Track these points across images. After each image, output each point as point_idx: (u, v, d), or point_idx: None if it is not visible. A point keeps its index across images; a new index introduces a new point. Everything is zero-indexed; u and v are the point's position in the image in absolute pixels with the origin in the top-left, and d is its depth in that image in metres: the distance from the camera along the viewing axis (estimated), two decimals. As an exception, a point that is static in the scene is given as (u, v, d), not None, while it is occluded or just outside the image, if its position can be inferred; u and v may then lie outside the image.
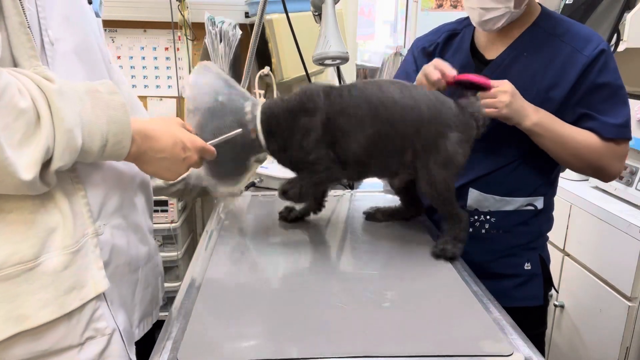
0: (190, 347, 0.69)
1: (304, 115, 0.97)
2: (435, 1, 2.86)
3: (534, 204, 1.18)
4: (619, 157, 1.13)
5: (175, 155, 0.81)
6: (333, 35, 1.14)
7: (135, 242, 0.89)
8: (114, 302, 0.83)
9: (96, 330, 0.78)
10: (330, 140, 0.97)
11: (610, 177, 1.17)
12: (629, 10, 1.79)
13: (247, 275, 0.92)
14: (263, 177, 1.67)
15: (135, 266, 0.90)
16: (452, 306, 0.81)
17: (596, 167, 1.13)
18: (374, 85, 1.00)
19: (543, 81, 1.10)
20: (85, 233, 0.76)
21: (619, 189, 1.74)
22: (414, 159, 1.00)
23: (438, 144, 0.97)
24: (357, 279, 0.90)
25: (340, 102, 0.97)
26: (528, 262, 1.20)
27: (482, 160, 1.16)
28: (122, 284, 0.86)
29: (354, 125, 0.96)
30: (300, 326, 0.74)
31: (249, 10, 2.28)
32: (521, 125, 1.07)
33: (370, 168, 1.04)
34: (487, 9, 1.08)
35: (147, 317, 0.97)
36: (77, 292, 0.75)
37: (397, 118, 0.96)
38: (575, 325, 1.84)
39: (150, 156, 0.79)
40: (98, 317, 0.78)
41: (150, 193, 1.02)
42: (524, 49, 1.13)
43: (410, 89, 0.99)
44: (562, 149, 1.10)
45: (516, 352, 0.68)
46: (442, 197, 1.00)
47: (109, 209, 0.82)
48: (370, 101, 0.97)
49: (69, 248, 0.73)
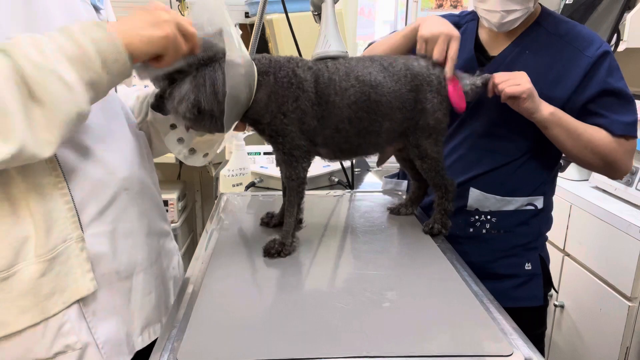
0: (190, 347, 0.69)
1: (295, 78, 0.95)
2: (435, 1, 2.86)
3: (534, 204, 1.19)
4: (629, 153, 1.13)
5: (157, 11, 0.76)
6: (333, 35, 1.14)
7: (125, 249, 0.87)
8: (98, 312, 0.81)
9: (66, 346, 0.78)
10: (319, 111, 0.96)
11: (621, 173, 1.17)
12: (629, 10, 1.79)
13: (247, 276, 0.92)
14: (263, 177, 1.67)
15: (127, 273, 0.87)
16: (452, 306, 0.81)
17: (608, 162, 1.13)
18: (353, 60, 1.01)
19: (545, 79, 1.10)
20: (67, 238, 0.76)
21: (619, 189, 1.74)
22: (400, 136, 1.03)
23: (419, 118, 1.01)
24: (357, 279, 0.90)
25: (327, 73, 0.97)
26: (528, 262, 1.20)
27: (482, 159, 1.17)
28: (112, 293, 0.84)
29: (340, 95, 0.96)
30: (300, 326, 0.74)
31: (249, 10, 2.28)
32: (537, 113, 1.07)
33: (354, 143, 1.03)
34: (509, 11, 1.08)
35: (152, 324, 0.94)
36: (59, 296, 0.76)
37: (379, 94, 0.98)
38: (575, 325, 1.84)
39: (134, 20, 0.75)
40: (67, 332, 0.77)
41: (156, 196, 0.99)
42: (526, 46, 1.14)
43: (387, 68, 1.00)
44: (576, 141, 1.10)
45: (516, 352, 0.68)
46: (434, 166, 1.05)
47: (86, 217, 0.80)
48: (356, 75, 0.97)
49: (43, 256, 0.73)
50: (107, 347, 0.82)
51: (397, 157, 1.18)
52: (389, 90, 0.98)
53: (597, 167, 1.16)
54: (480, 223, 1.19)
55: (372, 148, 1.07)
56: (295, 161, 0.98)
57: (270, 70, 0.94)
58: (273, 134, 0.96)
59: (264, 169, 1.68)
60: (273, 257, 0.96)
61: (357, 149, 1.05)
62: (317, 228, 1.13)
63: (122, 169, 0.87)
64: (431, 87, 1.01)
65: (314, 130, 0.97)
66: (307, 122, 0.95)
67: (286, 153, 0.97)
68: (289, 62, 0.96)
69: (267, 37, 1.97)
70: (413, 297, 0.83)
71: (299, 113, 0.94)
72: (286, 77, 0.94)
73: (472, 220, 1.19)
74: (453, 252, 1.01)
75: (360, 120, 0.98)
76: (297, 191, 1.00)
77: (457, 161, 1.20)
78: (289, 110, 0.94)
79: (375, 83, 0.98)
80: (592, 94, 1.10)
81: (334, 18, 1.15)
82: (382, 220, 1.18)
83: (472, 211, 1.19)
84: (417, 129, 1.03)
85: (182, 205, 2.43)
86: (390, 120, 1.00)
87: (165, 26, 0.75)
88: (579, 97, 1.10)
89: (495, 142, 1.16)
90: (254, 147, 1.85)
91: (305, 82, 0.94)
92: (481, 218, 1.19)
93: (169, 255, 1.03)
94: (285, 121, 0.94)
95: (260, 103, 0.93)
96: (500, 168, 1.17)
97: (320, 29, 1.18)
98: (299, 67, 0.96)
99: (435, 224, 1.08)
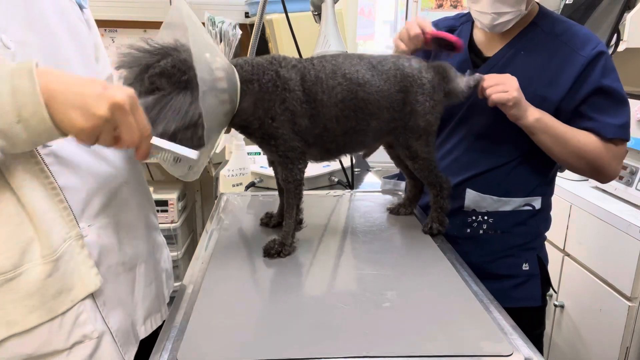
0: (190, 347, 0.69)
1: (281, 80, 0.92)
2: (435, 1, 2.85)
3: (531, 204, 1.18)
4: (618, 158, 1.13)
5: (92, 87, 0.65)
6: (332, 35, 1.14)
7: (129, 240, 0.89)
8: (107, 302, 0.83)
9: (83, 336, 0.78)
10: (308, 109, 0.94)
11: (609, 178, 1.17)
12: (629, 10, 1.79)
13: (247, 275, 0.92)
14: (263, 177, 1.67)
15: (131, 264, 0.90)
16: (452, 306, 0.81)
17: (595, 167, 1.13)
18: (340, 57, 1.00)
19: (540, 80, 1.10)
20: (67, 237, 0.76)
21: (619, 189, 1.74)
22: (387, 134, 1.04)
23: (408, 120, 1.01)
24: (357, 279, 0.90)
25: (314, 71, 0.95)
26: (526, 262, 1.20)
27: (478, 160, 1.17)
28: (118, 284, 0.86)
29: (327, 94, 0.95)
30: (300, 326, 0.74)
31: (249, 10, 2.29)
32: (523, 120, 1.07)
33: (340, 143, 1.01)
34: (500, 14, 1.08)
35: (154, 314, 0.97)
36: (66, 295, 0.76)
37: (367, 92, 0.97)
38: (575, 325, 1.84)
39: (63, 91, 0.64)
40: (83, 322, 0.78)
41: (148, 190, 1.01)
42: (521, 47, 1.13)
43: (376, 67, 0.99)
44: (562, 147, 1.10)
45: (516, 352, 0.68)
46: (426, 166, 1.05)
47: (92, 211, 0.81)
48: (343, 73, 0.96)
49: (49, 257, 0.74)
50: (120, 335, 0.84)
51: (390, 155, 1.18)
52: (377, 89, 0.97)
53: (585, 171, 1.16)
54: (478, 224, 1.19)
55: (359, 146, 1.07)
56: (290, 163, 0.97)
57: (254, 77, 0.91)
58: (265, 137, 0.95)
59: (264, 169, 1.68)
60: (273, 257, 0.96)
61: (343, 149, 1.04)
62: (317, 228, 1.13)
63: (122, 163, 0.89)
64: (423, 90, 1.00)
65: (306, 129, 0.95)
66: (298, 122, 0.94)
67: (281, 155, 0.96)
68: (271, 64, 0.93)
69: (267, 37, 1.97)
70: (413, 297, 0.83)
71: (288, 114, 0.93)
72: (270, 81, 0.91)
73: (469, 221, 1.19)
74: (453, 252, 1.01)
75: (347, 119, 0.97)
76: (295, 193, 0.99)
77: (453, 162, 1.20)
78: (277, 114, 0.92)
79: (363, 81, 0.96)
80: (586, 94, 1.09)
81: (333, 18, 1.16)
82: (382, 220, 1.18)
83: (469, 212, 1.19)
84: (407, 129, 1.02)
85: (182, 205, 2.43)
86: (377, 120, 0.99)
87: (100, 104, 0.65)
88: (573, 97, 1.10)
89: (490, 143, 1.16)
90: (254, 147, 1.85)
91: (290, 82, 0.92)
92: (478, 218, 1.19)
93: (160, 249, 1.05)
94: (275, 125, 0.93)
95: (246, 111, 0.91)
96: (496, 169, 1.16)
97: (320, 29, 1.18)
98: (282, 67, 0.93)
99: (434, 224, 1.08)
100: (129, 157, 0.92)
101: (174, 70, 0.80)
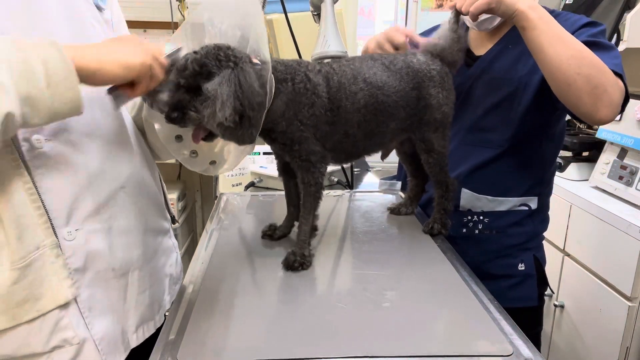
0: (190, 347, 0.69)
1: (309, 84, 0.92)
2: (435, 1, 2.85)
3: (527, 204, 1.18)
4: (617, 91, 0.98)
5: (129, 38, 0.76)
6: (332, 35, 1.14)
7: (121, 246, 0.86)
8: (94, 308, 0.81)
9: (64, 340, 0.78)
10: (330, 117, 0.94)
11: (605, 109, 0.98)
12: (629, 10, 1.79)
13: (247, 276, 0.92)
14: (262, 177, 1.67)
15: (123, 270, 0.87)
16: (452, 306, 0.81)
17: (596, 84, 0.95)
18: (357, 61, 1.00)
19: (525, 66, 1.10)
20: (40, 245, 0.75)
21: (619, 189, 1.74)
22: (403, 131, 1.04)
23: (423, 114, 1.02)
24: (357, 279, 0.90)
25: (336, 76, 0.95)
26: (522, 262, 1.20)
27: (470, 153, 1.16)
28: (108, 290, 0.84)
29: (350, 100, 0.95)
30: (300, 326, 0.74)
31: (249, 10, 2.28)
32: (513, 8, 0.96)
33: (361, 147, 1.03)
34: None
35: (147, 322, 0.93)
36: (32, 304, 0.75)
37: (386, 95, 0.97)
38: (575, 325, 1.84)
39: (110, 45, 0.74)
40: (64, 326, 0.77)
41: (157, 194, 0.98)
42: (509, 41, 1.14)
43: (389, 67, 1.00)
44: (563, 45, 0.95)
45: (516, 352, 0.68)
46: (439, 161, 1.06)
47: (81, 215, 0.79)
48: (363, 78, 0.96)
49: (16, 263, 0.73)
50: (104, 343, 0.82)
51: (397, 150, 1.19)
52: (395, 89, 0.98)
53: (581, 92, 0.95)
54: (473, 223, 1.19)
55: (377, 148, 1.08)
56: (312, 166, 0.96)
57: (287, 76, 0.90)
58: (287, 141, 0.93)
59: (264, 169, 1.68)
60: (297, 271, 0.93)
61: (363, 151, 1.05)
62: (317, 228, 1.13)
63: (118, 167, 0.86)
64: (434, 83, 1.01)
65: (326, 135, 0.95)
66: (320, 128, 0.94)
67: (303, 159, 0.95)
68: (299, 66, 0.93)
69: (267, 37, 1.97)
70: (413, 297, 0.83)
71: (314, 120, 0.92)
72: (302, 83, 0.91)
73: (465, 221, 1.19)
74: (453, 252, 1.01)
75: (368, 124, 0.97)
76: (315, 197, 0.98)
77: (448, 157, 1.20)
78: (306, 117, 0.92)
79: (382, 84, 0.97)
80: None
81: (333, 18, 1.16)
82: (382, 220, 1.18)
83: (464, 211, 1.19)
84: (422, 123, 1.03)
85: (182, 205, 2.43)
86: (395, 120, 1.00)
87: (142, 53, 0.75)
88: None
89: (481, 134, 1.15)
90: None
91: (319, 87, 0.92)
92: (474, 218, 1.19)
93: (166, 253, 1.01)
94: (302, 128, 0.92)
95: (276, 111, 0.90)
96: (489, 164, 1.15)
97: (319, 29, 1.18)
98: (310, 71, 0.93)
99: (435, 224, 1.08)
100: (129, 161, 0.89)
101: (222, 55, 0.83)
